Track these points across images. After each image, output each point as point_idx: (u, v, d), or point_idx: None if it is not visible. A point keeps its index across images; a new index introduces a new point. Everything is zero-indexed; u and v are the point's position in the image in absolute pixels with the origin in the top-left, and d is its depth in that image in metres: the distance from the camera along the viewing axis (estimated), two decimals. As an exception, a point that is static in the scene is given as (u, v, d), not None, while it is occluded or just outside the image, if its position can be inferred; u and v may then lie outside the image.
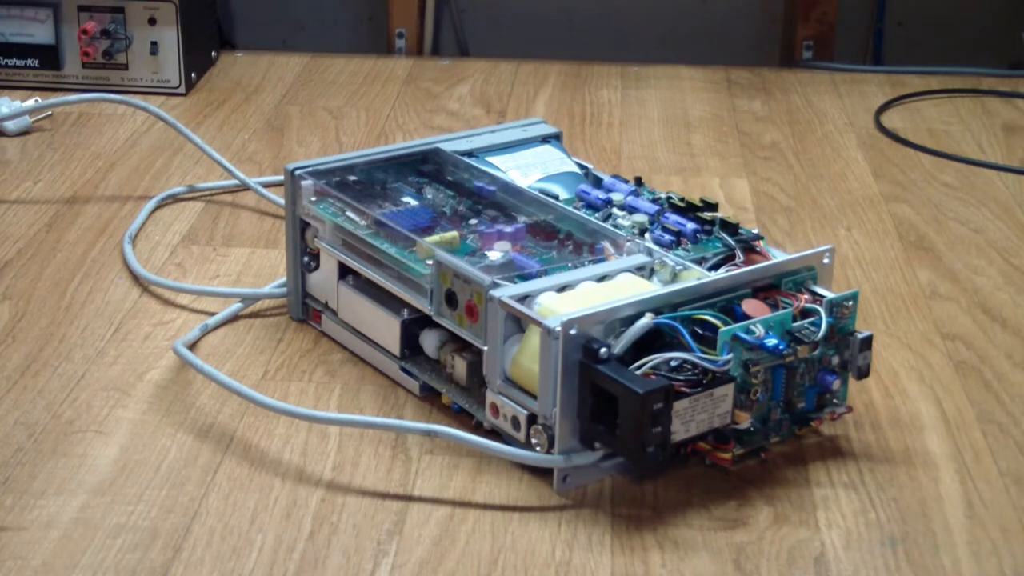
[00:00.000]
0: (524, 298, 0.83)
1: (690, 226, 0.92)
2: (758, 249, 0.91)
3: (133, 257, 1.09)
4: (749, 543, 0.78)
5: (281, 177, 1.19)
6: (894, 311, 1.05)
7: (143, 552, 0.76)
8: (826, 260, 0.88)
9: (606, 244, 0.90)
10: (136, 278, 1.07)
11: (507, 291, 0.83)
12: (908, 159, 1.36)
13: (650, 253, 0.88)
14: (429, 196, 0.98)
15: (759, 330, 0.81)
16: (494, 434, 0.86)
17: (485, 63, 1.62)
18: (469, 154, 1.03)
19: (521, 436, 0.83)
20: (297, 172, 0.98)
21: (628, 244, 0.90)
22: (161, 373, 0.94)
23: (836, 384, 0.85)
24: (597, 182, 1.02)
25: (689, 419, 0.79)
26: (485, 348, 0.84)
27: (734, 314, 0.82)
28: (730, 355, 0.79)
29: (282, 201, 1.04)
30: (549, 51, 1.75)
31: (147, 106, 1.27)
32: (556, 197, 0.99)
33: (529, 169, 1.02)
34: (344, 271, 0.96)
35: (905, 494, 0.83)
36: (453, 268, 0.86)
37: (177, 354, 0.94)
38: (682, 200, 0.97)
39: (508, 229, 0.92)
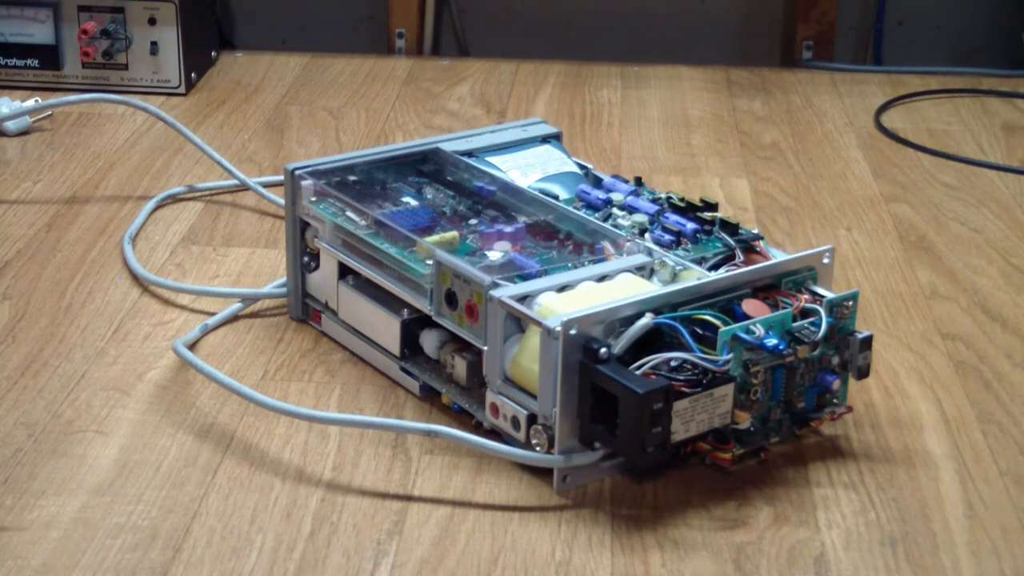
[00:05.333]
0: (524, 298, 0.83)
1: (690, 226, 0.92)
2: (758, 249, 0.91)
3: (133, 257, 1.09)
4: (749, 543, 0.78)
5: (281, 177, 1.19)
6: (894, 311, 1.05)
7: (143, 552, 0.76)
8: (826, 260, 0.88)
9: (606, 244, 0.90)
10: (136, 278, 1.07)
11: (507, 291, 0.83)
12: (908, 159, 1.36)
13: (650, 253, 0.88)
14: (429, 196, 0.98)
15: (759, 330, 0.81)
16: (494, 434, 0.86)
17: (485, 63, 1.62)
18: (469, 154, 1.03)
19: (521, 436, 0.83)
20: (297, 172, 0.97)
21: (628, 244, 0.90)
22: (161, 373, 0.94)
23: (836, 384, 0.85)
24: (597, 182, 1.02)
25: (689, 419, 0.79)
26: (485, 348, 0.84)
27: (734, 314, 0.82)
28: (730, 355, 0.79)
29: (282, 201, 1.04)
30: (549, 51, 1.75)
31: (147, 106, 1.27)
32: (556, 197, 0.98)
33: (529, 169, 1.02)
34: (344, 271, 0.96)
35: (905, 494, 0.83)
36: (453, 268, 0.86)
37: (177, 354, 0.94)
38: (682, 200, 0.97)
39: (508, 229, 0.92)
